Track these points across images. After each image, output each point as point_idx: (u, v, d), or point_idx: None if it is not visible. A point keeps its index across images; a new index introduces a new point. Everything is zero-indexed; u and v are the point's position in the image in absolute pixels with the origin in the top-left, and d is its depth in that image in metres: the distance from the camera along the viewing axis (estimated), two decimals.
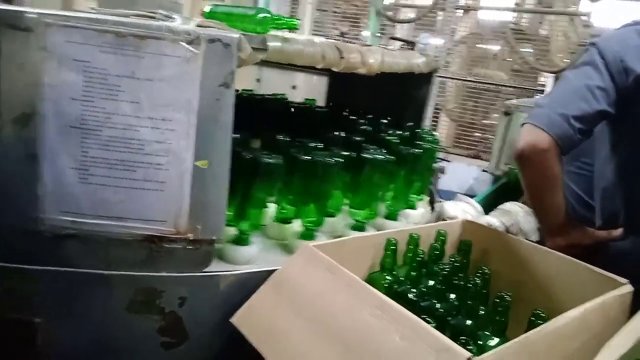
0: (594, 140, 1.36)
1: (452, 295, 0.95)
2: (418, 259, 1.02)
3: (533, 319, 0.81)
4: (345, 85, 2.06)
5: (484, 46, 4.11)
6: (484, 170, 2.53)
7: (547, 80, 3.71)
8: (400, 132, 1.49)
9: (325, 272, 0.86)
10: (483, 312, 0.90)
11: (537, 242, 1.38)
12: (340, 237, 1.18)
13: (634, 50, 1.06)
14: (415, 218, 1.37)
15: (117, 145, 0.83)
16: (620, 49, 1.06)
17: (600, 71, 1.05)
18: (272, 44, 1.04)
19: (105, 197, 0.85)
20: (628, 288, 0.90)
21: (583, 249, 1.11)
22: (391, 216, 1.31)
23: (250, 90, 1.82)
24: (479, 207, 1.49)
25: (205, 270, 0.92)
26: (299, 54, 1.16)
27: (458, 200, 1.47)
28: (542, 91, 3.56)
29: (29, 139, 0.81)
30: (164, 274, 0.89)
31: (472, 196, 2.01)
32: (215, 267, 0.93)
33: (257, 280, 0.91)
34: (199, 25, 0.88)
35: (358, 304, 0.78)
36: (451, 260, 0.99)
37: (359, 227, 1.17)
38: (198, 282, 0.91)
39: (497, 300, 0.84)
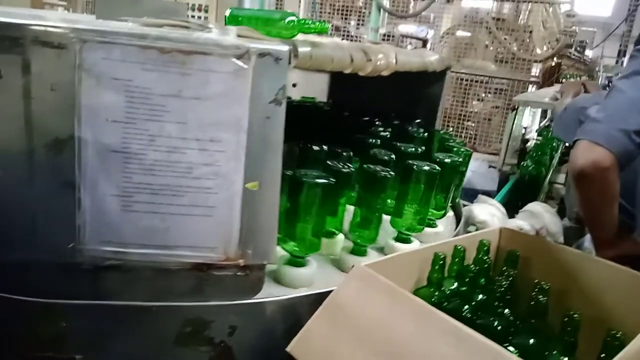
0: None
1: (507, 311, 0.92)
2: (467, 272, 0.99)
3: (609, 339, 0.78)
4: (348, 83, 2.01)
5: (466, 34, 4.11)
6: (491, 167, 2.52)
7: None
8: (423, 135, 1.45)
9: (384, 295, 0.81)
10: (545, 329, 0.87)
11: (563, 243, 1.37)
12: (382, 248, 1.15)
13: None
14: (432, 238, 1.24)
15: (162, 170, 0.77)
16: None
17: None
18: (301, 49, 0.99)
19: (150, 224, 0.79)
20: None
21: (632, 259, 1.10)
22: (404, 238, 1.16)
23: None
24: (503, 209, 1.46)
25: (256, 296, 0.86)
26: (328, 60, 1.10)
27: (483, 203, 1.45)
28: (537, 82, 3.57)
29: (64, 166, 0.74)
30: (213, 303, 0.83)
31: (478, 191, 2.00)
32: (266, 292, 0.88)
33: (309, 303, 0.86)
34: (238, 36, 0.83)
35: (428, 332, 0.74)
36: (505, 274, 0.96)
37: (404, 239, 1.13)
38: (249, 309, 0.86)
39: (567, 320, 0.81)
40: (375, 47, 1.31)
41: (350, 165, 1.09)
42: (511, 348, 0.80)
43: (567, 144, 2.39)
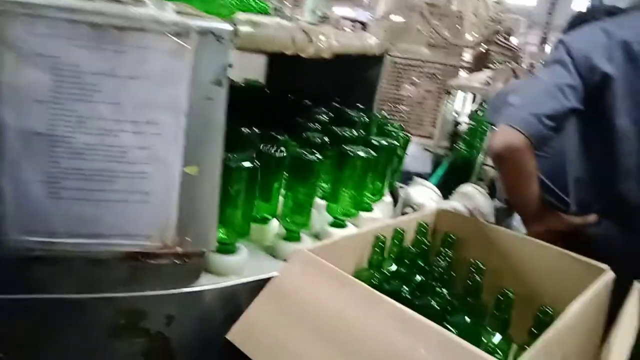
0: None
1: (444, 291, 0.94)
2: (407, 254, 1.00)
3: (540, 315, 0.82)
4: (287, 65, 1.98)
5: (400, 18, 4.16)
6: (425, 149, 2.58)
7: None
8: (362, 119, 1.45)
9: (329, 280, 0.81)
10: (480, 308, 0.90)
11: (494, 223, 1.42)
12: (317, 234, 1.14)
13: (600, 48, 1.09)
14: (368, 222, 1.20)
15: (93, 154, 0.72)
16: (587, 47, 1.10)
17: (569, 69, 1.09)
18: (243, 28, 0.95)
19: (81, 212, 0.74)
20: (611, 275, 0.94)
21: (559, 235, 1.16)
22: (339, 224, 1.14)
23: None
24: (437, 191, 1.50)
25: (194, 284, 0.84)
26: (270, 41, 1.07)
27: (419, 185, 1.48)
28: (469, 68, 3.68)
29: None
30: (149, 293, 0.80)
31: (412, 174, 2.04)
32: (203, 281, 0.85)
33: (249, 291, 0.85)
34: (176, 12, 0.78)
35: (373, 315, 0.75)
36: (442, 255, 0.98)
37: (339, 224, 1.13)
38: (187, 298, 0.83)
39: (501, 297, 0.85)
40: (316, 28, 1.29)
41: (283, 149, 1.07)
42: (450, 328, 0.82)
43: (494, 128, 2.49)
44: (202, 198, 0.80)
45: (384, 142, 1.22)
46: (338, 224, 1.13)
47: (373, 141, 1.21)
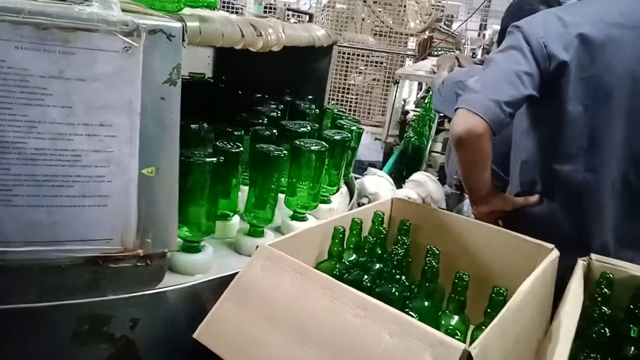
0: None
1: (403, 277, 0.97)
2: (365, 243, 1.03)
3: (494, 295, 0.86)
4: (234, 57, 1.96)
5: (345, 6, 4.19)
6: (376, 139, 2.62)
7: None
8: (314, 112, 1.46)
9: (293, 274, 0.82)
10: (437, 291, 0.94)
11: (444, 209, 1.47)
12: (278, 227, 1.15)
13: (556, 36, 1.14)
14: (327, 214, 1.25)
15: (46, 159, 0.70)
16: (544, 34, 1.14)
17: (527, 57, 1.12)
18: (190, 24, 0.94)
19: (35, 219, 0.72)
20: (556, 253, 0.99)
21: (503, 214, 1.22)
22: (300, 217, 1.16)
23: None
24: (390, 180, 1.54)
25: (158, 286, 0.83)
26: (219, 35, 1.06)
27: (372, 175, 1.51)
28: (414, 56, 3.75)
29: None
30: (112, 297, 0.79)
31: (364, 163, 2.07)
32: (167, 281, 0.85)
33: (213, 289, 0.85)
34: (123, 10, 0.76)
35: (337, 305, 0.77)
36: (400, 243, 1.01)
37: (299, 217, 1.14)
38: (150, 300, 0.82)
39: (457, 280, 0.88)
40: (264, 21, 1.28)
41: (240, 144, 1.07)
42: (411, 313, 0.85)
43: (440, 115, 2.56)
44: (161, 198, 0.79)
45: (335, 135, 1.23)
46: (298, 217, 1.14)
47: (325, 134, 1.22)
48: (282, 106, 1.47)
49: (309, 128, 1.26)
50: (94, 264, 0.76)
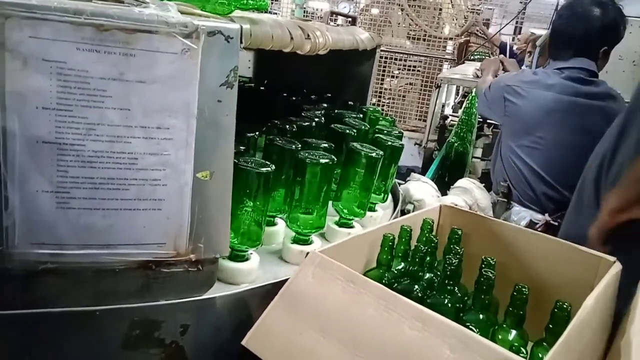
0: (544, 115, 1.42)
1: (455, 288, 0.94)
2: (416, 252, 1.00)
3: (557, 311, 0.82)
4: (275, 61, 1.95)
5: (378, 11, 4.16)
6: (416, 144, 2.58)
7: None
8: (358, 115, 1.44)
9: (345, 282, 0.80)
10: (493, 304, 0.90)
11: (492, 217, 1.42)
12: (322, 234, 1.13)
13: None
14: (371, 221, 1.23)
15: (103, 162, 0.69)
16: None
17: None
18: (243, 26, 0.93)
19: (90, 222, 0.71)
20: (618, 266, 0.94)
21: None
22: (346, 223, 1.13)
23: None
24: (435, 186, 1.50)
25: (208, 292, 0.82)
26: (268, 38, 1.05)
27: (416, 181, 1.47)
28: (452, 60, 3.69)
29: None
30: (163, 302, 0.78)
31: (402, 168, 2.04)
32: (216, 288, 0.84)
33: (262, 296, 0.83)
34: (180, 12, 0.76)
35: (393, 316, 0.74)
36: (453, 252, 0.98)
37: (346, 223, 1.12)
38: (201, 306, 0.81)
39: (516, 293, 0.85)
40: (310, 24, 1.27)
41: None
42: (471, 327, 0.82)
43: (480, 120, 2.50)
44: (214, 203, 0.78)
45: (388, 140, 1.21)
46: (345, 223, 1.11)
47: (378, 138, 1.19)
48: (324, 110, 1.45)
49: (355, 132, 1.23)
50: (146, 268, 0.75)
